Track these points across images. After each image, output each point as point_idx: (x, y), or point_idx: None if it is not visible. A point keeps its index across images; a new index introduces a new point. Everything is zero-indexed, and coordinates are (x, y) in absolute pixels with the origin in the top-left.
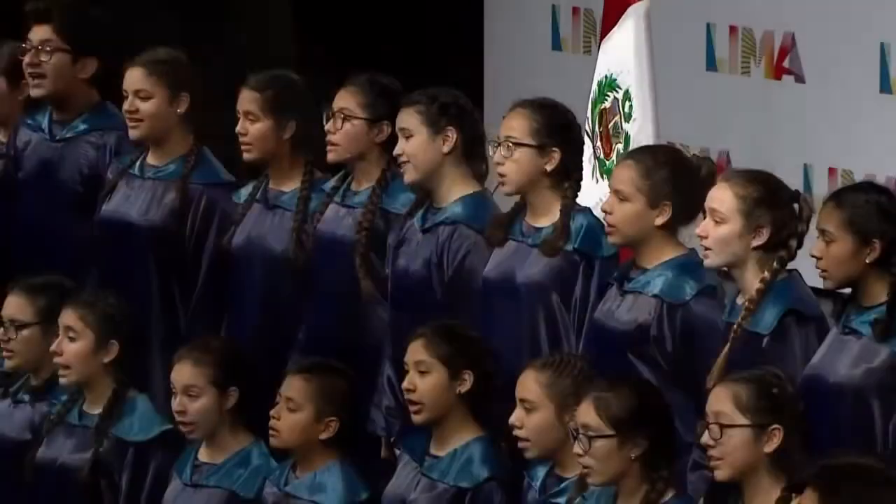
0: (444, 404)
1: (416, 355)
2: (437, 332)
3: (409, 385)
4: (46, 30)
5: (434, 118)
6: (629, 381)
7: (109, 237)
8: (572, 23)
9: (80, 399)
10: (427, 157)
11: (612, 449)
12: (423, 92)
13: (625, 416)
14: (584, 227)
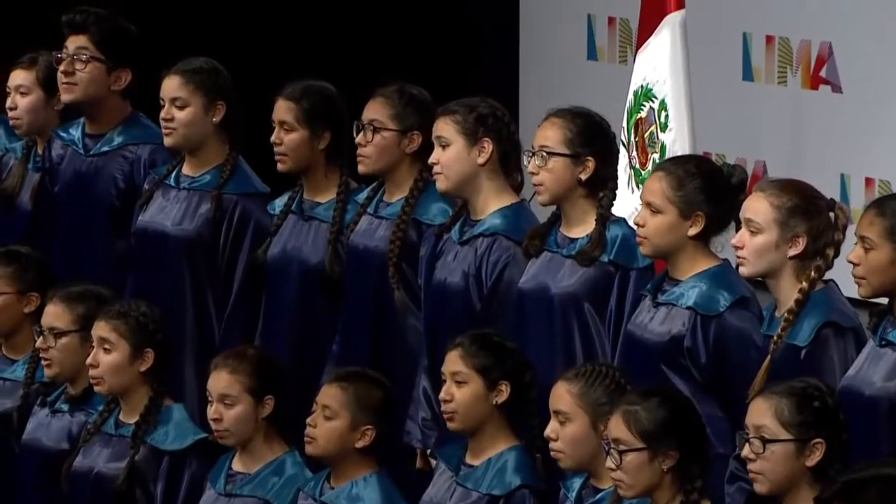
0: (481, 415)
1: (453, 366)
2: (474, 343)
3: (446, 395)
4: (82, 39)
5: (471, 128)
6: (658, 393)
7: (145, 247)
8: (608, 32)
9: (116, 409)
10: (462, 168)
11: (643, 462)
12: (461, 101)
13: (654, 428)
14: (619, 237)
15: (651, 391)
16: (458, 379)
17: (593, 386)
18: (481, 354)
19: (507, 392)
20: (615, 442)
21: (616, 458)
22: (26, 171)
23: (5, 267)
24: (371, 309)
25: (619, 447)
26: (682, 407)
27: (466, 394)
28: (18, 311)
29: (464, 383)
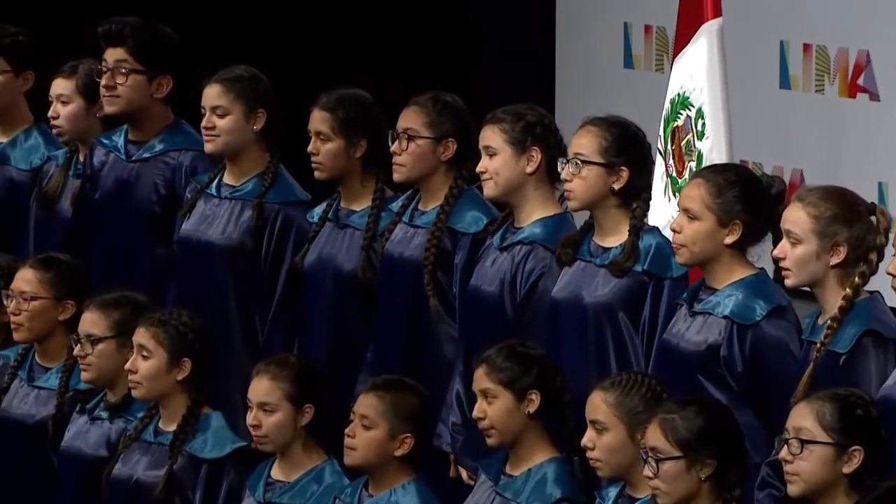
0: (515, 427)
1: (481, 383)
2: (498, 357)
3: (479, 413)
4: (120, 51)
5: (519, 138)
6: (696, 402)
7: (188, 256)
8: (644, 40)
9: (155, 416)
10: (510, 176)
11: (680, 470)
12: (508, 109)
13: (692, 437)
14: (652, 247)
15: (689, 400)
16: (488, 395)
17: (629, 395)
18: (506, 367)
19: (538, 400)
20: (652, 450)
21: (653, 466)
22: (67, 177)
23: (44, 272)
24: (406, 317)
25: (656, 455)
26: (720, 416)
27: (497, 409)
28: (53, 317)
29: (494, 398)
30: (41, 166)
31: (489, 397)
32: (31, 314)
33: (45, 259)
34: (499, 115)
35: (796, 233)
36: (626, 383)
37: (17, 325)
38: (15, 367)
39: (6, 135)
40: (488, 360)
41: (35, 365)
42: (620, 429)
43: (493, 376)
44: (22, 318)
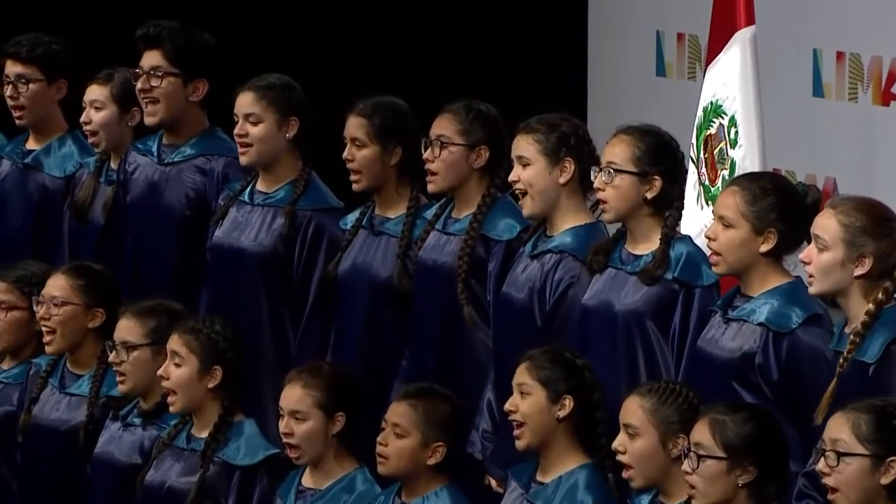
0: (544, 427)
1: (520, 377)
2: (542, 356)
3: (511, 406)
4: (156, 55)
5: (553, 149)
6: (747, 408)
7: (221, 263)
8: (677, 48)
9: (188, 423)
10: (543, 187)
11: (720, 472)
12: (542, 119)
13: (739, 441)
14: (683, 255)
15: (740, 406)
16: (523, 390)
17: (666, 403)
18: (547, 367)
19: (570, 406)
20: (696, 445)
21: (694, 461)
22: (98, 185)
23: (76, 279)
24: (440, 324)
25: (698, 451)
26: (769, 426)
27: (529, 404)
28: (83, 324)
29: (527, 394)
30: (74, 174)
31: (524, 393)
32: (62, 320)
33: (77, 267)
34: (533, 124)
35: (824, 239)
36: (663, 391)
37: (49, 332)
38: (46, 375)
39: (40, 143)
40: (532, 358)
41: (66, 372)
42: (653, 435)
43: (531, 372)
44: (52, 324)
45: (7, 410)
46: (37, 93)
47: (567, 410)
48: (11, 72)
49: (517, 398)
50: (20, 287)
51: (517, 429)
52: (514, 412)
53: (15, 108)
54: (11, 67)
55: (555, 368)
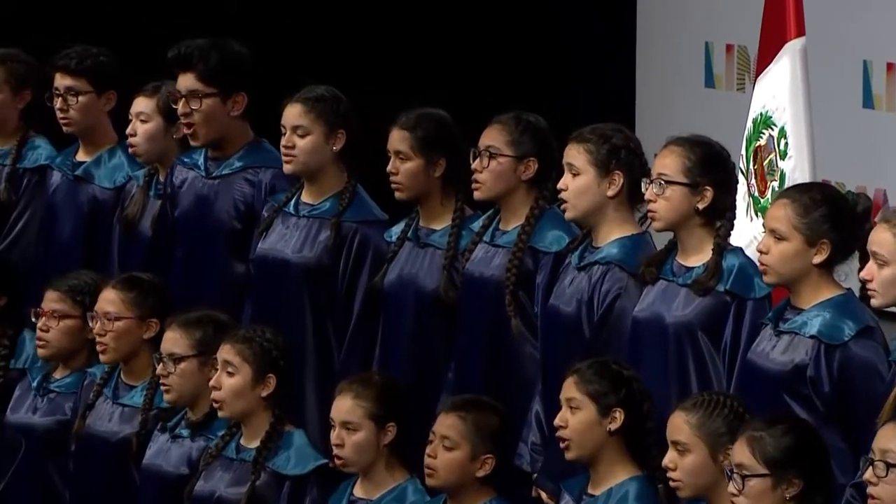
0: (594, 441)
1: (568, 392)
2: (590, 369)
3: (560, 421)
4: (190, 78)
5: (603, 161)
6: (784, 421)
7: (265, 274)
8: (726, 60)
9: (237, 433)
10: (591, 199)
11: (766, 489)
12: (595, 129)
13: (779, 455)
14: (735, 267)
15: (777, 418)
16: (572, 405)
17: (712, 416)
18: (595, 381)
19: (621, 419)
20: (738, 467)
21: (739, 483)
22: (147, 198)
23: (127, 292)
24: (487, 337)
25: (742, 472)
26: (808, 436)
27: (579, 420)
28: (138, 336)
29: (577, 409)
30: (124, 185)
31: (573, 407)
32: (116, 335)
33: (127, 279)
34: (586, 134)
35: (882, 254)
36: (708, 404)
37: (104, 346)
38: (101, 385)
39: (90, 154)
40: (579, 372)
41: (120, 383)
42: (702, 450)
43: (580, 387)
44: (107, 339)
45: (59, 419)
46: (86, 105)
47: (618, 423)
48: (61, 84)
49: (566, 413)
50: (72, 296)
51: (564, 441)
52: (563, 427)
53: (64, 120)
54: (61, 80)
55: (603, 381)
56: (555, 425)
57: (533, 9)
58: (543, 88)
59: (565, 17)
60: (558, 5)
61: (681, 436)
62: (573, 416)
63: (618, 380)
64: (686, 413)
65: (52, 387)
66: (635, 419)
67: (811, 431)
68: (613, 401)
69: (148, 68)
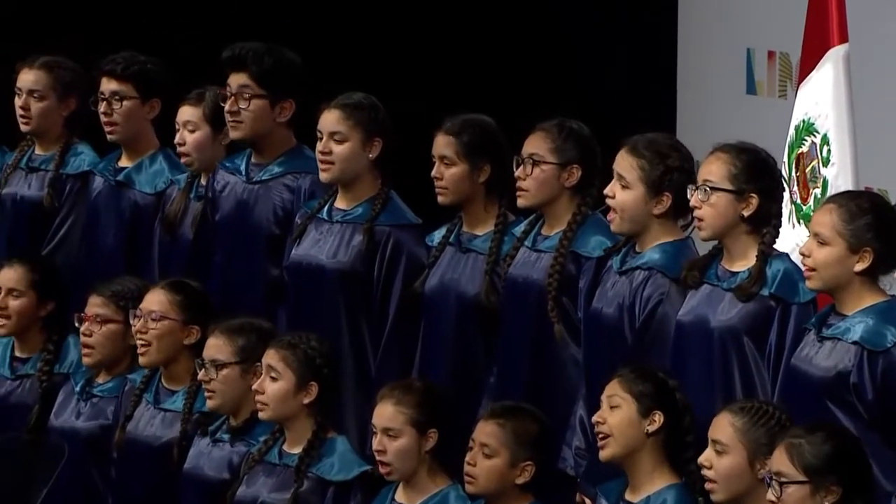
0: (632, 440)
1: (610, 390)
2: (634, 372)
3: (599, 418)
4: (243, 77)
5: (656, 180)
6: (823, 428)
7: (300, 280)
8: (767, 66)
9: (279, 438)
10: (636, 213)
11: (804, 496)
12: (651, 144)
13: (818, 463)
14: (780, 272)
15: (816, 426)
16: (612, 402)
17: (757, 424)
18: (639, 382)
19: (660, 422)
20: (777, 475)
21: (777, 490)
22: (188, 201)
23: (174, 295)
24: (529, 342)
25: (780, 479)
26: (847, 443)
27: (619, 417)
28: (179, 340)
29: (617, 407)
30: (165, 190)
31: (613, 406)
32: (158, 334)
33: (175, 283)
34: (641, 149)
35: None
36: (756, 412)
37: (144, 345)
38: (141, 390)
39: (132, 160)
40: (624, 374)
41: (161, 388)
42: (741, 454)
43: (623, 385)
44: (148, 337)
45: (102, 424)
46: (130, 110)
47: (657, 425)
48: (106, 88)
49: (605, 410)
50: (115, 301)
51: (601, 440)
52: (601, 423)
53: (108, 125)
54: (106, 84)
55: (647, 383)
56: (593, 422)
57: (573, 16)
58: (585, 95)
59: (606, 25)
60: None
61: (723, 436)
62: (612, 414)
63: (661, 385)
64: (733, 415)
65: (94, 391)
66: (675, 428)
67: (851, 439)
68: (654, 403)
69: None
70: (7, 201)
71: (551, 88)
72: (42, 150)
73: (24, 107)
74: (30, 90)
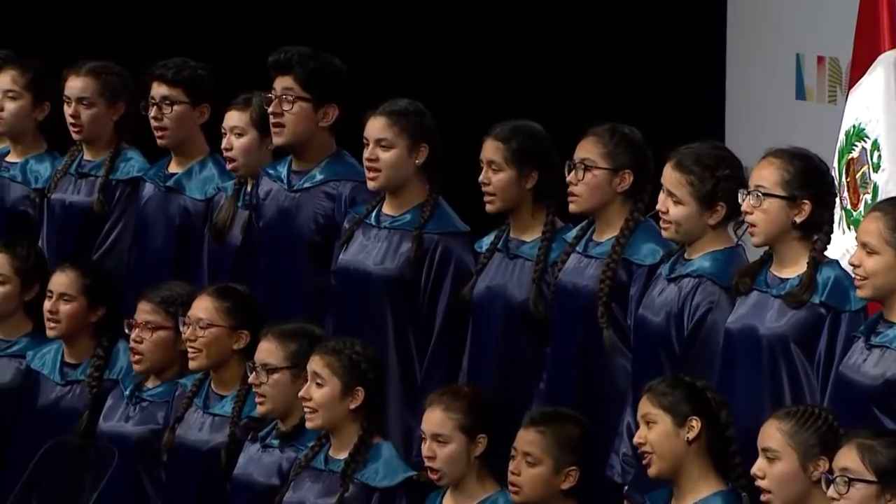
0: (675, 454)
1: (643, 409)
2: (661, 384)
3: (640, 439)
4: (288, 80)
5: (707, 195)
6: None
7: (347, 286)
8: (817, 72)
9: (326, 444)
10: (691, 226)
11: (870, 496)
12: (700, 158)
13: (890, 465)
14: (831, 279)
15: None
16: (648, 419)
17: (805, 427)
18: (668, 393)
19: (699, 428)
20: (844, 471)
21: (842, 486)
22: (236, 208)
23: (222, 301)
24: (579, 348)
25: (847, 475)
26: None
27: (657, 433)
28: (228, 345)
29: (654, 423)
30: (214, 196)
31: (650, 422)
32: (207, 341)
33: (222, 289)
34: (688, 164)
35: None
36: (802, 415)
37: (193, 351)
38: (191, 395)
39: (182, 166)
40: (651, 388)
41: (211, 392)
42: (793, 459)
43: (653, 401)
44: (198, 345)
45: (152, 428)
46: (180, 115)
47: (695, 431)
48: (157, 93)
49: (644, 429)
50: (165, 307)
51: (647, 458)
52: (643, 444)
53: (158, 129)
54: (157, 89)
55: (675, 393)
56: (635, 443)
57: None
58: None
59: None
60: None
61: (772, 443)
62: (650, 431)
63: (690, 390)
64: (779, 421)
65: (144, 396)
66: (714, 428)
67: None
68: (687, 410)
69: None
70: (56, 207)
71: (601, 94)
72: (91, 155)
73: (73, 115)
74: (78, 98)
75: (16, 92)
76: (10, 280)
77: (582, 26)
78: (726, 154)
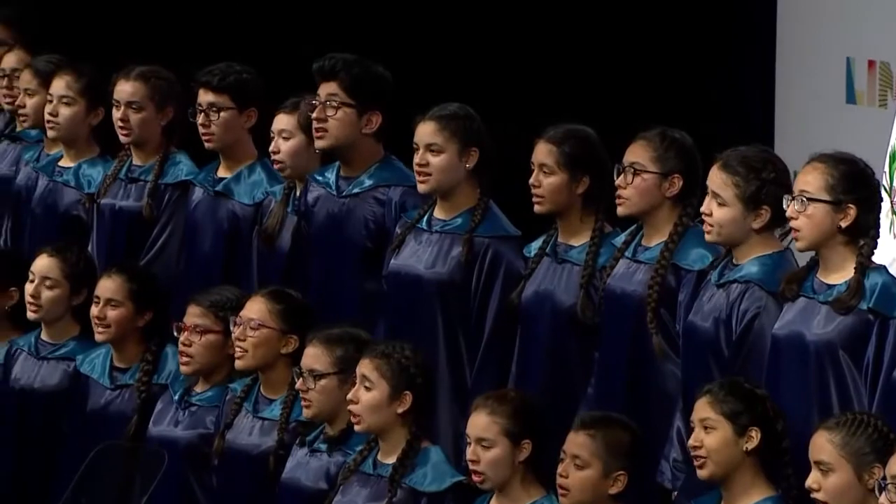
0: (731, 461)
1: (702, 412)
2: (723, 389)
3: (696, 442)
4: (332, 86)
5: (752, 196)
6: None
7: (398, 290)
8: (868, 76)
9: (374, 448)
10: (735, 229)
11: None
12: (745, 160)
13: None
14: (879, 285)
15: None
16: (707, 424)
17: (855, 435)
18: (730, 400)
19: (758, 438)
20: None
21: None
22: (285, 213)
23: (274, 304)
24: (628, 353)
25: None
26: None
27: (716, 439)
28: (276, 349)
29: (713, 429)
30: (263, 200)
31: (708, 428)
32: (256, 342)
33: (275, 292)
34: (734, 165)
35: None
36: (851, 423)
37: (241, 351)
38: (242, 399)
39: (231, 170)
40: (711, 392)
41: (260, 396)
42: (847, 470)
43: (715, 407)
44: (246, 345)
45: (201, 432)
46: (227, 121)
47: (755, 442)
48: (203, 100)
49: (701, 433)
50: (214, 311)
51: (700, 461)
52: (698, 447)
53: (206, 135)
54: (203, 96)
55: (737, 401)
56: (689, 446)
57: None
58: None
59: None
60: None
61: (824, 455)
62: (708, 436)
63: (751, 399)
64: (829, 432)
65: (193, 400)
66: (770, 438)
67: None
68: (749, 420)
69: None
70: (105, 211)
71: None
72: (140, 160)
73: (123, 119)
74: (128, 102)
75: (70, 97)
76: (60, 284)
77: (632, 30)
78: (773, 158)
